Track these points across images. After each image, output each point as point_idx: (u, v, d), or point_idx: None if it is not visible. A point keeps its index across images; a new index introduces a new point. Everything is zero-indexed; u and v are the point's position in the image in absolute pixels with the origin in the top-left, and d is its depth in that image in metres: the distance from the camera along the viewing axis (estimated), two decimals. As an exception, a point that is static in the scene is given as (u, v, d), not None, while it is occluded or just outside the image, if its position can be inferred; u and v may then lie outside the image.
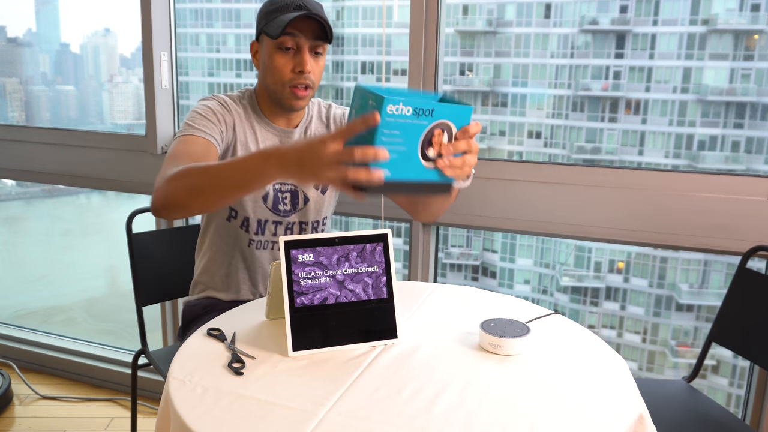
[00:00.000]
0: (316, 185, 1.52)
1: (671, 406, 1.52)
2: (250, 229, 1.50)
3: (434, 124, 0.97)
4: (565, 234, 1.85)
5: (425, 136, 0.97)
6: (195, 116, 1.38)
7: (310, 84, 1.41)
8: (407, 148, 0.96)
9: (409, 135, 0.95)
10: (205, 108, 1.40)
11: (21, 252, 3.57)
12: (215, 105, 1.42)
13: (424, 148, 0.98)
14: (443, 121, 0.98)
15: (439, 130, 0.98)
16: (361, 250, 1.10)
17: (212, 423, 0.86)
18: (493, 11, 4.06)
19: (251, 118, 1.48)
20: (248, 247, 1.52)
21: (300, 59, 1.38)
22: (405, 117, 0.94)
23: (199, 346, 1.10)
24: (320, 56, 1.41)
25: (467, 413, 0.89)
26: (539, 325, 1.22)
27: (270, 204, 1.49)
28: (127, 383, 2.45)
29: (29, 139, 2.46)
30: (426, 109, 0.95)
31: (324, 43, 1.39)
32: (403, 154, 0.96)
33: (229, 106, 1.44)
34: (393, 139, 0.94)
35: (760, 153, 3.49)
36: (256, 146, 1.46)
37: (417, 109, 0.94)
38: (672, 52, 3.63)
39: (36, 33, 3.25)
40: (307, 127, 1.53)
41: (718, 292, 4.05)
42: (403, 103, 0.93)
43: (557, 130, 4.01)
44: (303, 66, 1.37)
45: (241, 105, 1.48)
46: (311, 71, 1.39)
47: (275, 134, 1.49)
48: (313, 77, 1.40)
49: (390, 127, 0.93)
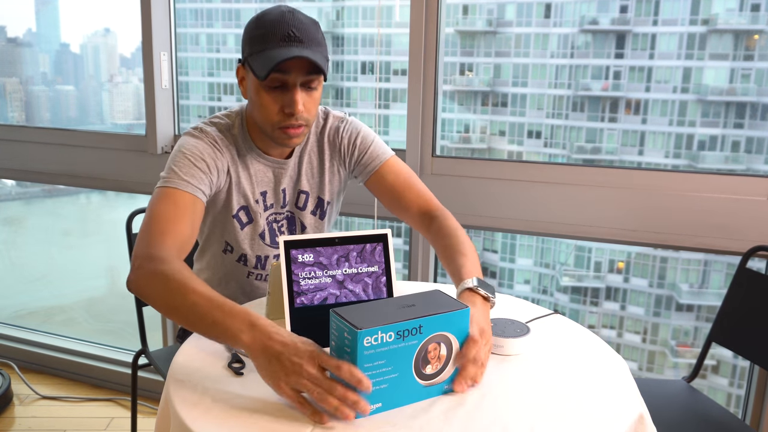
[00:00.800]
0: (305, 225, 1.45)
1: (671, 406, 1.52)
2: (248, 264, 1.43)
3: (426, 341, 0.88)
4: (565, 234, 1.85)
5: (418, 357, 0.88)
6: (182, 161, 1.23)
7: (304, 122, 1.25)
8: (399, 374, 0.87)
9: (398, 360, 0.87)
10: (195, 151, 1.25)
11: (21, 252, 3.57)
12: (206, 148, 1.26)
13: (420, 367, 0.89)
14: (436, 334, 0.89)
15: (434, 345, 0.89)
16: (361, 250, 1.10)
17: (212, 423, 0.86)
18: (493, 11, 4.06)
19: (243, 152, 1.33)
20: (247, 278, 1.46)
21: (290, 99, 1.21)
22: (388, 344, 0.85)
23: (199, 346, 1.10)
24: (314, 90, 1.25)
25: (467, 413, 0.89)
26: (539, 325, 1.22)
27: (268, 240, 1.41)
28: (127, 383, 2.45)
29: (29, 139, 2.46)
30: (411, 329, 0.86)
31: (318, 77, 1.22)
32: (396, 380, 0.87)
33: (221, 147, 1.29)
34: (379, 370, 0.85)
35: (760, 153, 3.49)
36: (250, 184, 1.35)
37: (401, 331, 0.85)
38: (672, 52, 3.63)
39: (36, 33, 3.25)
40: (302, 153, 1.40)
41: (718, 292, 4.05)
42: (382, 331, 0.84)
43: (557, 130, 4.01)
44: (293, 107, 1.21)
45: (231, 138, 1.32)
46: (303, 110, 1.22)
47: (267, 165, 1.37)
48: (306, 115, 1.24)
49: (372, 360, 0.84)
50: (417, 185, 1.40)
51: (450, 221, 1.31)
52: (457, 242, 1.24)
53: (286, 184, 1.40)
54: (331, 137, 1.41)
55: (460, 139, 3.99)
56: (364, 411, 0.85)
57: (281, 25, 1.19)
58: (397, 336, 0.85)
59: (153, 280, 1.04)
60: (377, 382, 0.86)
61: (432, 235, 1.32)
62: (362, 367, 0.84)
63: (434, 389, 0.92)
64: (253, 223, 1.39)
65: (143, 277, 1.05)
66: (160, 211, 1.15)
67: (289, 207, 1.42)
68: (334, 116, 1.43)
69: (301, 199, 1.42)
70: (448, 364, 0.92)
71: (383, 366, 0.86)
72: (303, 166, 1.41)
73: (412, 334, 0.87)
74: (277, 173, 1.38)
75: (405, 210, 1.38)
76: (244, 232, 1.39)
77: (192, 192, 1.20)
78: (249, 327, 0.90)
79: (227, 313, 0.93)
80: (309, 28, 1.21)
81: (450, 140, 3.82)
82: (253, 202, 1.37)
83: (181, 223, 1.15)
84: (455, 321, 0.91)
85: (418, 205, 1.37)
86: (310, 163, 1.42)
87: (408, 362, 0.88)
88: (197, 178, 1.22)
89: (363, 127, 1.44)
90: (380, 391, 0.87)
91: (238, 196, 1.35)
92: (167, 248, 1.09)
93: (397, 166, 1.41)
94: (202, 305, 0.96)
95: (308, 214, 1.44)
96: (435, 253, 1.35)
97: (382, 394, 0.87)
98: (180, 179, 1.20)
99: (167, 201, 1.17)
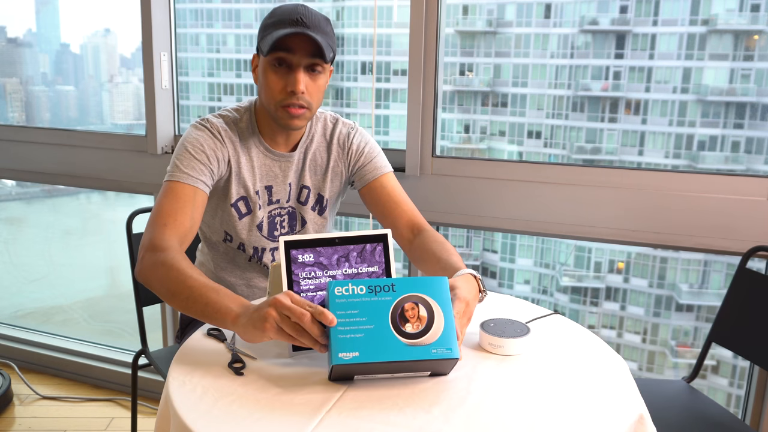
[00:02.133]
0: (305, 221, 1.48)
1: (671, 407, 1.52)
2: (246, 252, 1.47)
3: (401, 299, 0.95)
4: (565, 234, 1.85)
5: (394, 313, 0.94)
6: (184, 154, 1.30)
7: (305, 104, 1.30)
8: (375, 326, 0.93)
9: (372, 313, 0.94)
10: (196, 143, 1.31)
11: (21, 252, 3.57)
12: (207, 139, 1.33)
13: (398, 324, 0.94)
14: (411, 294, 0.95)
15: (410, 304, 0.95)
16: (361, 251, 1.10)
17: (212, 423, 0.86)
18: (493, 11, 4.06)
19: (248, 144, 1.38)
20: (248, 262, 1.49)
21: (293, 78, 1.27)
22: (359, 296, 0.94)
23: (199, 346, 1.10)
24: (319, 75, 1.30)
25: (467, 413, 0.89)
26: (539, 325, 1.22)
27: (266, 232, 1.45)
28: (127, 383, 2.45)
29: (29, 139, 2.46)
30: (383, 285, 0.95)
31: (321, 61, 1.28)
32: (372, 332, 0.93)
33: (223, 137, 1.35)
34: (352, 319, 0.93)
35: (760, 153, 3.49)
36: (251, 176, 1.39)
37: (372, 286, 0.95)
38: (672, 53, 3.63)
39: (36, 33, 3.26)
40: (308, 148, 1.44)
41: (718, 292, 4.05)
42: (353, 284, 0.95)
43: (557, 130, 4.01)
44: (294, 86, 1.26)
45: (237, 130, 1.38)
46: (305, 91, 1.28)
47: (273, 159, 1.41)
48: (308, 98, 1.29)
49: (344, 308, 0.93)
50: (410, 203, 1.46)
51: (439, 235, 1.38)
52: (448, 247, 1.31)
53: (291, 178, 1.44)
54: (341, 140, 1.47)
55: (460, 139, 4.00)
56: (331, 323, 0.93)
57: (292, 13, 1.28)
58: (368, 290, 0.95)
59: (155, 269, 1.14)
60: (351, 330, 0.92)
61: (419, 241, 1.36)
62: (334, 313, 0.93)
63: (420, 350, 0.94)
64: (252, 214, 1.42)
65: (147, 267, 1.16)
66: (162, 205, 1.25)
67: (291, 202, 1.46)
68: (344, 123, 1.49)
69: (303, 193, 1.46)
70: (432, 326, 0.95)
71: (356, 316, 0.93)
72: (307, 162, 1.45)
73: (384, 291, 0.95)
74: (284, 168, 1.42)
75: (394, 219, 1.43)
76: (242, 222, 1.42)
77: (192, 183, 1.28)
78: (239, 305, 1.03)
79: (220, 294, 1.06)
80: (319, 19, 1.29)
81: (450, 140, 3.83)
82: (252, 193, 1.40)
83: (181, 215, 1.24)
84: (430, 286, 0.96)
85: (408, 218, 1.42)
86: (315, 161, 1.46)
87: (383, 317, 0.94)
88: (197, 169, 1.29)
89: (371, 139, 1.51)
90: (356, 339, 0.92)
91: (238, 187, 1.39)
92: (168, 239, 1.20)
93: (394, 181, 1.48)
94: (196, 288, 1.07)
95: (309, 209, 1.47)
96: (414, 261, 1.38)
97: (358, 343, 0.92)
98: (181, 172, 1.28)
99: (169, 194, 1.27)
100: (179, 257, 1.15)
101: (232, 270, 1.51)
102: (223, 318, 1.03)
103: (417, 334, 0.94)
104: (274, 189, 1.43)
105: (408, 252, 1.40)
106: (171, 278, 1.10)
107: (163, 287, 1.12)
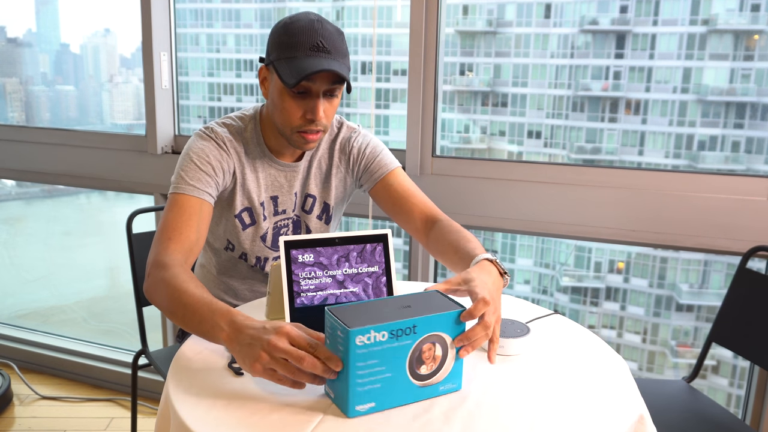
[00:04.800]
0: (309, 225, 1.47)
1: (671, 407, 1.52)
2: (248, 261, 1.46)
3: (420, 341, 0.88)
4: (565, 234, 1.85)
5: (412, 357, 0.88)
6: (189, 165, 1.28)
7: (322, 128, 1.29)
8: (393, 374, 0.87)
9: (392, 360, 0.86)
10: (201, 154, 1.29)
11: (21, 252, 3.57)
12: (213, 150, 1.30)
13: (414, 368, 0.89)
14: (431, 334, 0.88)
15: (428, 345, 0.89)
16: (361, 251, 1.10)
17: (212, 423, 0.86)
18: (493, 11, 4.06)
19: (253, 155, 1.37)
20: (250, 269, 1.48)
21: (312, 105, 1.24)
22: (381, 343, 0.84)
23: (199, 346, 1.10)
24: (335, 98, 1.29)
25: (467, 413, 0.89)
26: (539, 325, 1.22)
27: (270, 243, 1.44)
28: (127, 383, 2.45)
29: (29, 139, 2.46)
30: (405, 329, 0.85)
31: (340, 86, 1.26)
32: (389, 380, 0.87)
33: (228, 148, 1.33)
34: (372, 370, 0.85)
35: (760, 153, 3.49)
36: (256, 186, 1.38)
37: (394, 331, 0.85)
38: (672, 52, 3.63)
39: (36, 33, 3.25)
40: (313, 156, 1.43)
41: (718, 292, 4.05)
42: (375, 330, 0.83)
43: (557, 130, 4.01)
44: (315, 114, 1.24)
45: (242, 140, 1.35)
46: (323, 117, 1.26)
47: (279, 169, 1.40)
48: (325, 121, 1.27)
49: (364, 359, 0.84)
50: (421, 195, 1.43)
51: (455, 223, 1.34)
52: (465, 234, 1.28)
53: (297, 188, 1.43)
54: (343, 146, 1.46)
55: (460, 139, 3.99)
56: (336, 368, 0.85)
57: (310, 34, 1.21)
58: (390, 335, 0.85)
59: (157, 287, 1.12)
60: (370, 382, 0.86)
61: (435, 233, 1.33)
62: (354, 366, 0.84)
63: (429, 390, 0.92)
64: (256, 225, 1.41)
65: (151, 285, 1.14)
66: (168, 219, 1.23)
67: (297, 211, 1.45)
68: (348, 126, 1.48)
69: (308, 202, 1.45)
70: (444, 364, 0.92)
71: (376, 366, 0.86)
72: (312, 170, 1.43)
73: (405, 334, 0.86)
74: (290, 178, 1.41)
75: (407, 214, 1.40)
76: (246, 233, 1.41)
77: (198, 195, 1.26)
78: (228, 323, 0.96)
79: (212, 311, 0.99)
80: (336, 39, 1.24)
81: (450, 140, 3.82)
82: (257, 204, 1.38)
83: (187, 228, 1.22)
84: (450, 321, 0.90)
85: (421, 210, 1.39)
86: (320, 168, 1.45)
87: (402, 362, 0.88)
88: (203, 181, 1.27)
89: (373, 138, 1.49)
90: (373, 390, 0.86)
91: (243, 198, 1.37)
92: (171, 254, 1.17)
93: (403, 176, 1.45)
94: (191, 305, 1.03)
95: (314, 218, 1.46)
96: (434, 255, 1.35)
97: (375, 394, 0.87)
98: (186, 184, 1.26)
99: (174, 207, 1.24)
100: (179, 273, 1.11)
101: (234, 275, 1.50)
102: (216, 337, 0.98)
103: (429, 374, 0.91)
104: (280, 199, 1.42)
105: (426, 246, 1.37)
106: (168, 296, 1.08)
107: (163, 306, 1.10)
